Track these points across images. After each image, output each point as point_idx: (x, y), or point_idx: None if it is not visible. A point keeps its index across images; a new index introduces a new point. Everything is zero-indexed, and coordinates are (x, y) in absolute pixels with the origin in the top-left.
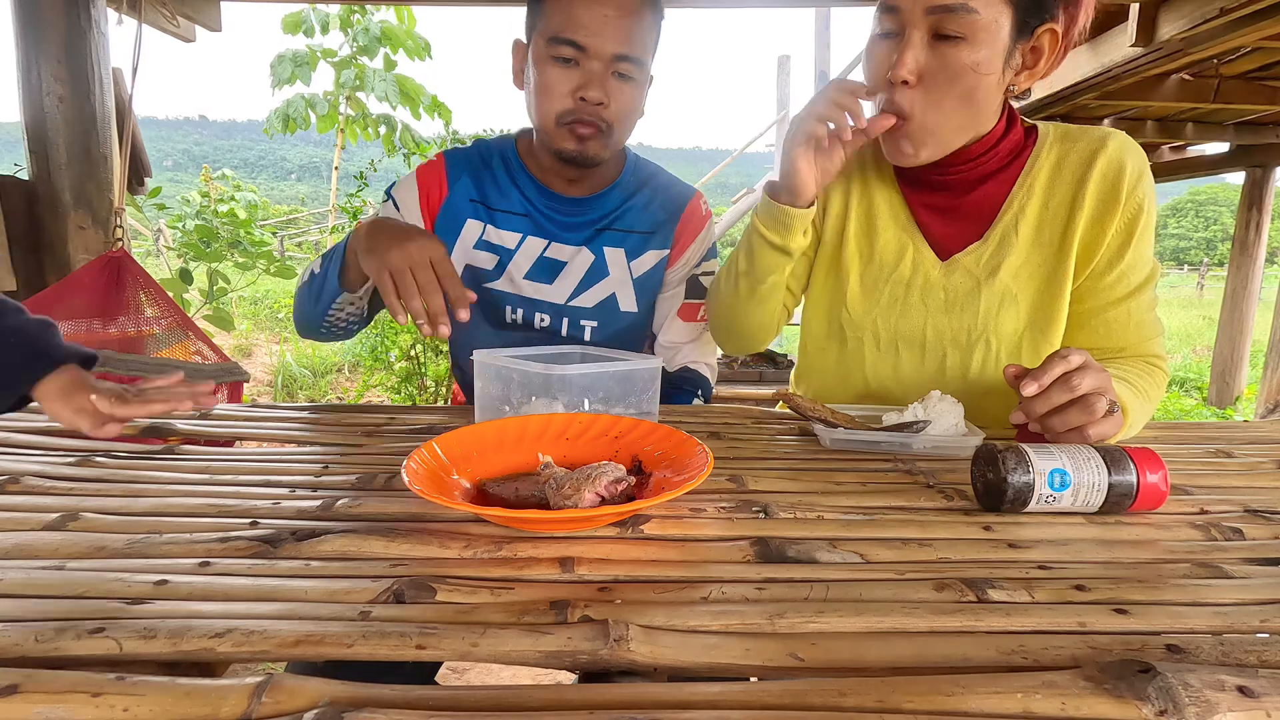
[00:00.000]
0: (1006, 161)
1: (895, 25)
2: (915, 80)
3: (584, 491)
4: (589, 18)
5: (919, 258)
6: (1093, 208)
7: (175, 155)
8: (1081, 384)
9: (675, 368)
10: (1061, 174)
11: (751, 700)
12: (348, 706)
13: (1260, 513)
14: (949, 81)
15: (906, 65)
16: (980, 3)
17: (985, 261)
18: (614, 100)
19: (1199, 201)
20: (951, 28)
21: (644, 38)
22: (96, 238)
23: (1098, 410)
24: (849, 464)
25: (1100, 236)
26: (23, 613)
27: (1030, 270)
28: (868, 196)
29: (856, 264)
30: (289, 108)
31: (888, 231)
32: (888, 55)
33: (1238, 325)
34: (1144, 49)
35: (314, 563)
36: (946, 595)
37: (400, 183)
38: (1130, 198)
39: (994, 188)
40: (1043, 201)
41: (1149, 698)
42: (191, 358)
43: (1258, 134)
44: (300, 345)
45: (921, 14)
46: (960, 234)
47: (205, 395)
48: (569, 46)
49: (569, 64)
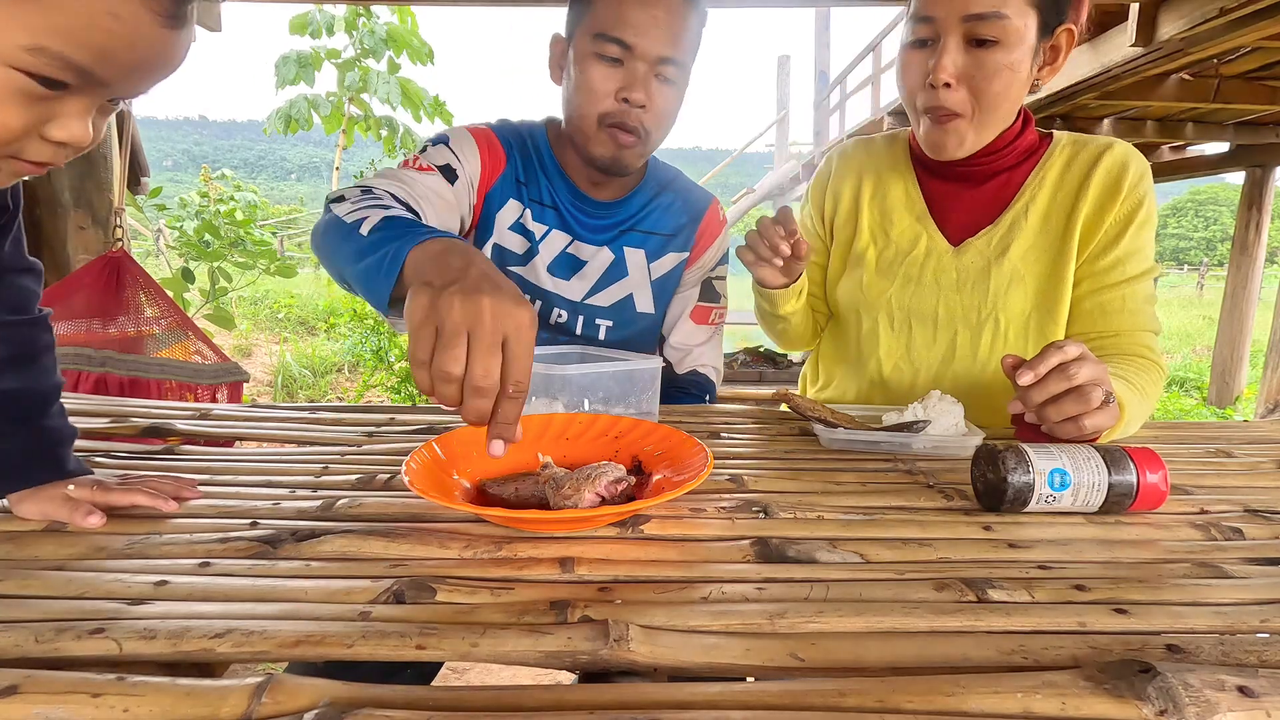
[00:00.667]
0: (1022, 159)
1: (930, 33)
2: (955, 83)
3: (584, 492)
4: (639, 17)
5: (932, 244)
6: (1095, 197)
7: (175, 155)
8: (1078, 374)
9: (684, 370)
10: (1070, 170)
11: (752, 700)
12: (348, 707)
13: (1260, 513)
14: (987, 81)
15: (946, 69)
16: (1012, 9)
17: (996, 243)
18: (654, 103)
19: (1199, 201)
20: (986, 33)
21: (690, 41)
22: (96, 238)
23: (1093, 400)
24: (849, 464)
25: (1099, 223)
26: (23, 613)
27: (1037, 253)
28: (883, 190)
29: (872, 251)
30: (291, 108)
31: (903, 221)
32: (923, 61)
33: (1237, 325)
34: (1144, 49)
35: (314, 563)
36: (946, 595)
37: (455, 135)
38: (1131, 192)
39: (1008, 181)
40: (1051, 193)
41: (1149, 698)
42: (191, 358)
43: (1257, 134)
44: (300, 345)
45: (957, 21)
46: (973, 222)
47: (189, 489)
48: (616, 45)
49: (614, 63)
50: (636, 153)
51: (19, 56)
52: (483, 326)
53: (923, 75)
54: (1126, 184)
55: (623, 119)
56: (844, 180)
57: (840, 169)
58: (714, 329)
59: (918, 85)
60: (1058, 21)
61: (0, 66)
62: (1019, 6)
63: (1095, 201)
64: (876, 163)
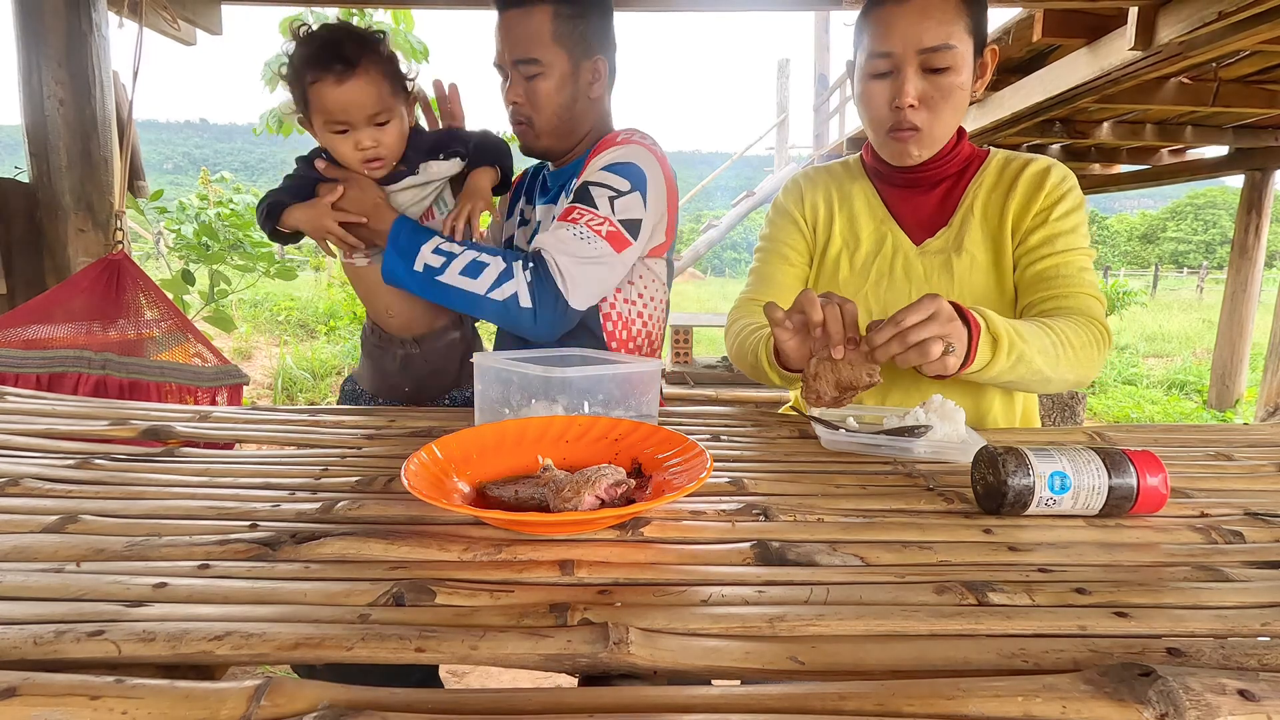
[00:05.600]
0: (963, 167)
1: (889, 66)
2: (918, 104)
3: (584, 494)
4: (499, 35)
5: (897, 241)
6: (1022, 194)
7: (175, 158)
8: (913, 336)
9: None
10: (1003, 176)
11: (752, 703)
12: (347, 709)
13: (1260, 516)
14: (944, 99)
15: (909, 95)
16: (956, 39)
17: (952, 239)
18: (524, 97)
19: (1198, 205)
20: (939, 62)
21: (541, 40)
22: (97, 240)
23: (931, 354)
24: (849, 466)
25: (1026, 214)
26: (22, 615)
27: (985, 243)
28: (848, 200)
29: (845, 254)
30: (285, 108)
31: (869, 225)
32: (885, 90)
33: (1237, 328)
34: (1143, 52)
35: (313, 565)
36: (947, 598)
37: None
38: (1054, 189)
39: (953, 187)
40: (988, 192)
41: (1150, 701)
42: (191, 360)
43: (1257, 137)
44: (299, 348)
45: (913, 54)
46: (929, 223)
47: None
48: (497, 66)
49: (503, 74)
50: (530, 137)
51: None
52: None
53: (886, 102)
54: (1049, 183)
55: (513, 116)
56: (816, 193)
57: (808, 186)
58: (569, 224)
59: (882, 110)
60: (982, 43)
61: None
62: (960, 35)
63: (1022, 196)
64: (837, 180)
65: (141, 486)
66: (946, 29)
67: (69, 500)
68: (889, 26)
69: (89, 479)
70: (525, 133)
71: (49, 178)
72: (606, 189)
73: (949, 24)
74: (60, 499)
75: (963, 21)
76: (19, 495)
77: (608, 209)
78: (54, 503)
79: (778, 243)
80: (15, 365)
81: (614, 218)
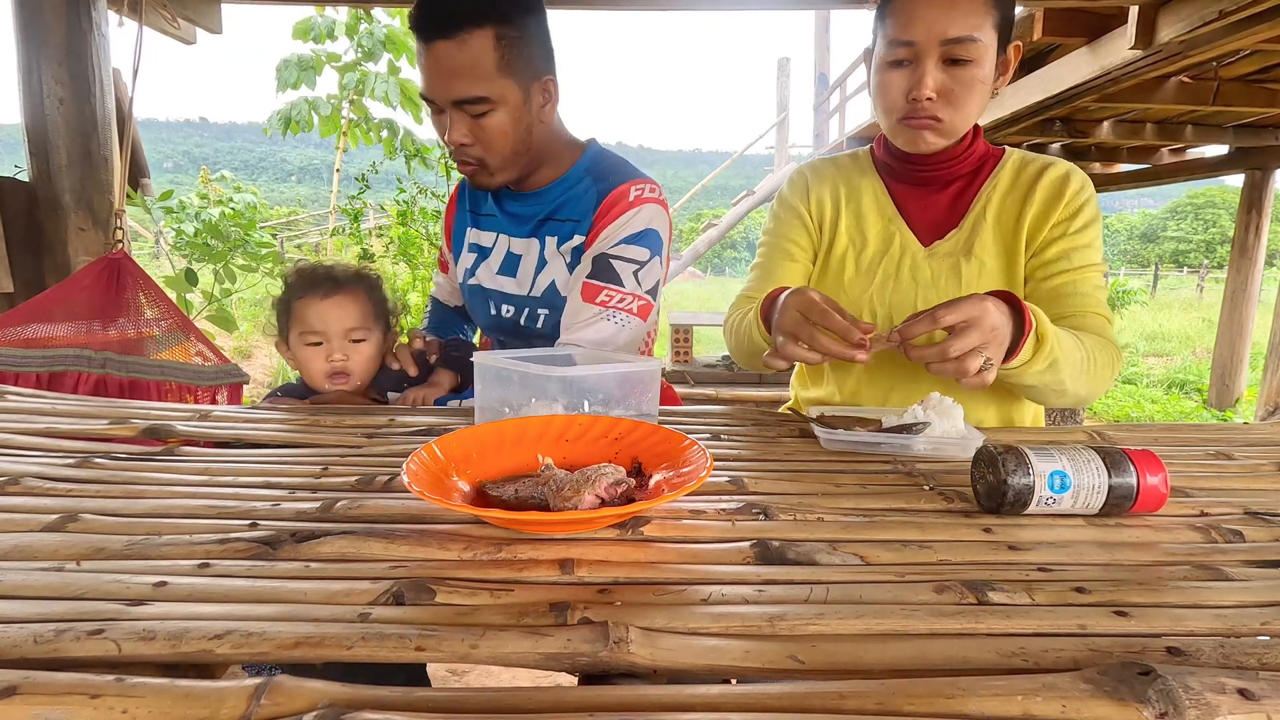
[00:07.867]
0: (977, 166)
1: (909, 55)
2: (936, 97)
3: (584, 493)
4: (426, 77)
5: (905, 242)
6: (1040, 201)
7: (175, 157)
8: (953, 348)
9: (560, 343)
10: (1019, 179)
11: (751, 703)
12: (346, 708)
13: (1260, 515)
14: (965, 92)
15: (929, 87)
16: (982, 31)
17: (962, 243)
18: (475, 138)
19: (1198, 204)
20: (962, 54)
21: (483, 71)
22: (97, 239)
23: (969, 370)
24: (849, 466)
25: (1043, 224)
26: (22, 614)
27: (996, 249)
28: (855, 196)
29: (851, 253)
30: (292, 110)
31: (877, 223)
32: (903, 79)
33: (1237, 327)
34: (1143, 51)
35: (313, 564)
36: (947, 597)
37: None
38: (1073, 199)
39: (965, 188)
40: (1002, 196)
41: (1149, 700)
42: (191, 360)
43: (1257, 136)
44: None
45: (936, 44)
46: (939, 225)
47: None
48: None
49: (442, 113)
50: (483, 178)
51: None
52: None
53: (903, 92)
54: (1069, 191)
55: (458, 157)
56: (823, 187)
57: (815, 180)
58: (602, 311)
59: (899, 100)
60: (1008, 39)
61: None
62: (987, 29)
63: (1040, 204)
64: (845, 173)
65: (142, 485)
66: (974, 20)
67: (69, 499)
68: (913, 14)
69: (89, 478)
70: (477, 173)
71: (49, 176)
72: (630, 263)
73: (977, 15)
74: (60, 498)
75: (991, 15)
76: (19, 494)
77: (634, 284)
78: (54, 501)
79: (781, 238)
80: (15, 364)
81: (640, 291)
